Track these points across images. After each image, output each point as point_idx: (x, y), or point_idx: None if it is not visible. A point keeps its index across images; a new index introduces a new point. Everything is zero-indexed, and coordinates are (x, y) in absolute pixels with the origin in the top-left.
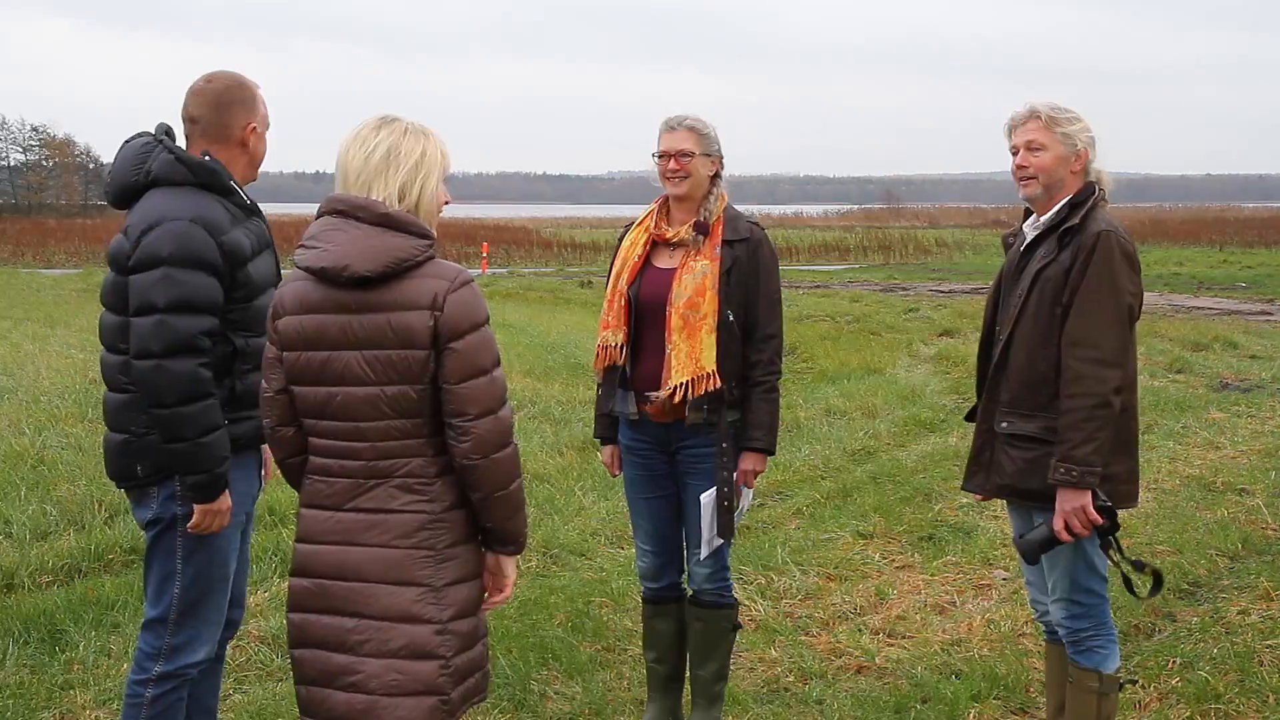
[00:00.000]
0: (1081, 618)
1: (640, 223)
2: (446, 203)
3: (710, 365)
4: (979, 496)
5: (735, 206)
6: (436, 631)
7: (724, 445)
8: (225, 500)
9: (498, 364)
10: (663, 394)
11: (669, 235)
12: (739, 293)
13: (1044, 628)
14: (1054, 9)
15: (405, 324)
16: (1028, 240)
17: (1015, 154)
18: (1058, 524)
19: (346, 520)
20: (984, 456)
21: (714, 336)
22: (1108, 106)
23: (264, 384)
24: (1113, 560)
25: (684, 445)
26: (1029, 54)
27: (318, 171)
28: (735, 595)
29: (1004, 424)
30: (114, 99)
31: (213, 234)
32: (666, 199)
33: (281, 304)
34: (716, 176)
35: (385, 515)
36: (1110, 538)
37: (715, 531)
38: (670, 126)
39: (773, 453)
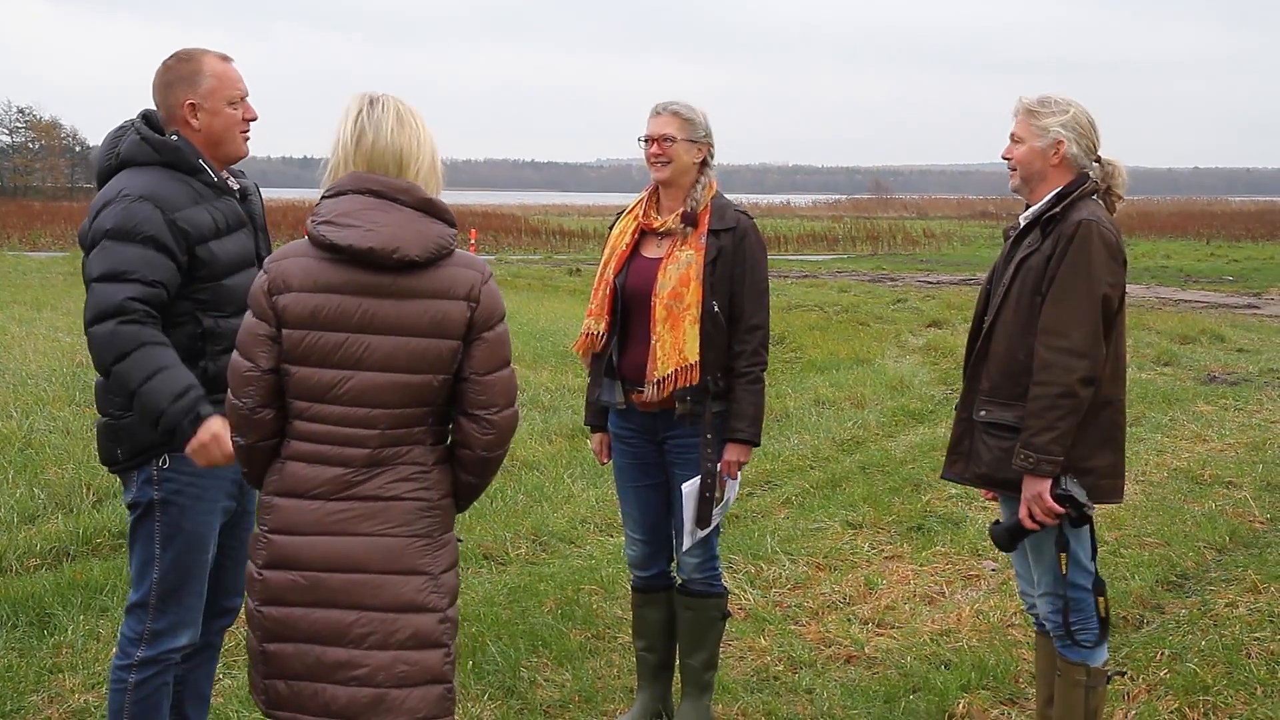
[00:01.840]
0: (1068, 611)
1: (630, 211)
2: None
3: (693, 356)
4: (988, 495)
5: (725, 195)
6: (440, 620)
7: (708, 436)
8: (211, 427)
9: (511, 358)
10: (649, 392)
11: (656, 224)
12: (724, 283)
13: (1033, 620)
14: (1044, 1)
15: (443, 312)
16: (1018, 231)
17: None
18: (1021, 512)
19: (340, 509)
20: (963, 445)
21: (697, 327)
22: (1096, 99)
23: (243, 361)
24: (1063, 553)
25: (671, 435)
26: (1018, 46)
27: (305, 157)
28: (725, 584)
29: (982, 412)
30: (96, 81)
31: (165, 210)
32: (657, 186)
33: (284, 280)
34: (705, 164)
35: (387, 503)
36: (1087, 529)
37: (695, 523)
38: (656, 111)
39: (757, 444)
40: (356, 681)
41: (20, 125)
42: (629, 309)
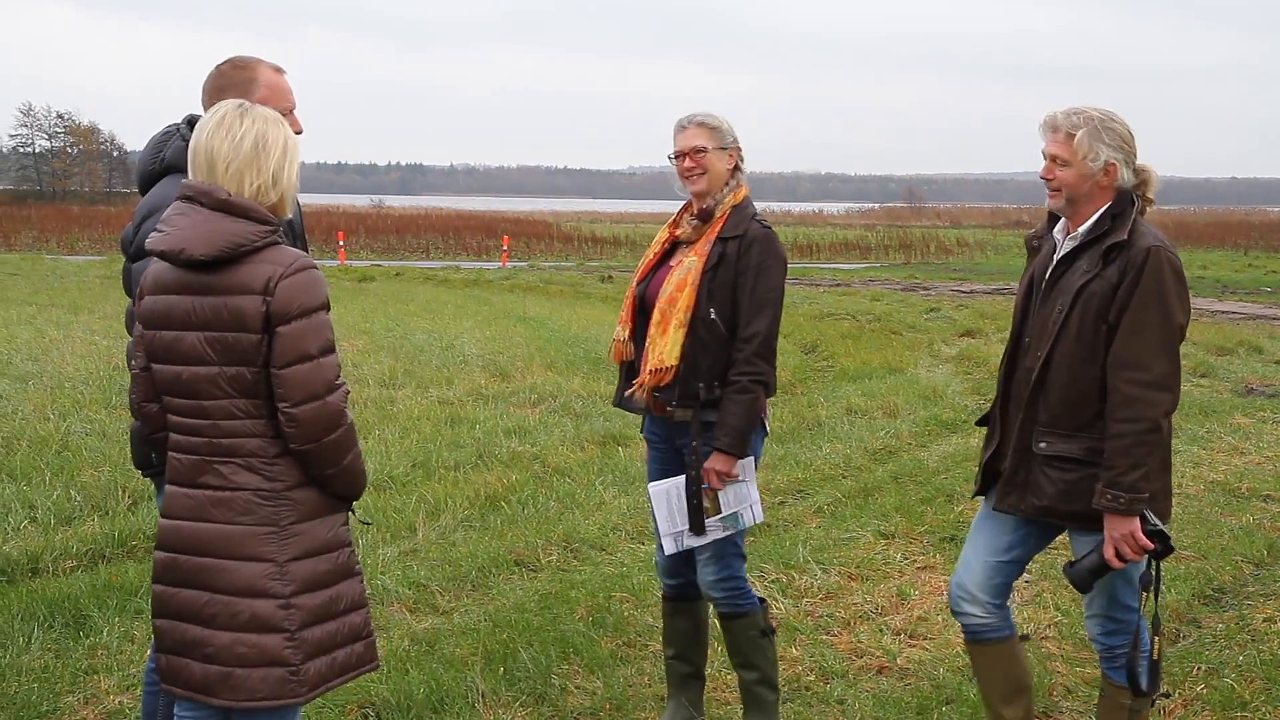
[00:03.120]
0: (1117, 634)
1: (668, 222)
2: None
3: (670, 360)
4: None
5: (753, 204)
6: (280, 606)
7: (694, 444)
8: None
9: (327, 352)
10: (634, 388)
11: (679, 234)
12: (724, 290)
13: (963, 625)
14: (1079, 8)
15: (238, 307)
16: (1064, 250)
17: (1045, 159)
18: (1108, 552)
19: (196, 496)
20: (1019, 477)
21: (682, 332)
22: (1133, 107)
23: (132, 361)
24: (1145, 591)
25: (682, 442)
26: (1054, 53)
27: (340, 162)
28: (756, 598)
29: (1042, 444)
30: (126, 85)
31: None
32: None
33: (144, 284)
34: (736, 170)
35: (230, 493)
36: (1158, 565)
37: (679, 526)
38: (682, 125)
39: (739, 455)
40: (207, 659)
41: (59, 130)
42: (648, 316)
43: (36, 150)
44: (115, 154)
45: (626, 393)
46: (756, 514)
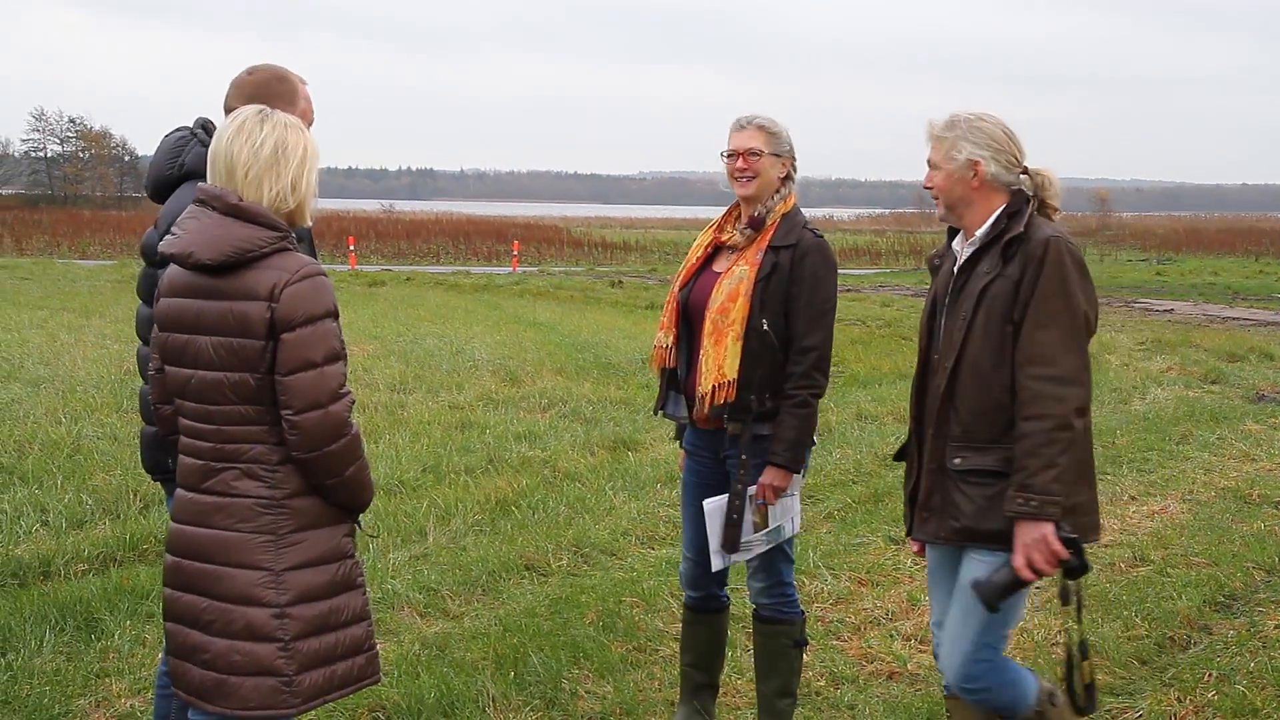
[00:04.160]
0: (990, 673)
1: (711, 225)
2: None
3: (731, 374)
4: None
5: (803, 212)
6: (274, 615)
7: (743, 457)
8: None
9: (333, 360)
10: (695, 408)
11: (724, 238)
12: (778, 300)
13: (947, 680)
14: (1089, 14)
15: (243, 313)
16: (964, 257)
17: None
18: (1018, 561)
19: (199, 501)
20: (934, 500)
21: (739, 344)
22: (1142, 113)
23: (150, 361)
24: (1071, 615)
25: (729, 454)
26: (1062, 58)
27: (350, 167)
28: (800, 608)
29: (956, 460)
30: (134, 91)
31: None
32: (738, 202)
33: (160, 286)
34: (787, 179)
35: (231, 499)
36: (1077, 584)
37: (720, 543)
38: (740, 125)
39: (795, 470)
40: (205, 665)
41: (71, 135)
42: (691, 323)
43: (48, 155)
44: (127, 158)
45: (693, 415)
46: (796, 525)
